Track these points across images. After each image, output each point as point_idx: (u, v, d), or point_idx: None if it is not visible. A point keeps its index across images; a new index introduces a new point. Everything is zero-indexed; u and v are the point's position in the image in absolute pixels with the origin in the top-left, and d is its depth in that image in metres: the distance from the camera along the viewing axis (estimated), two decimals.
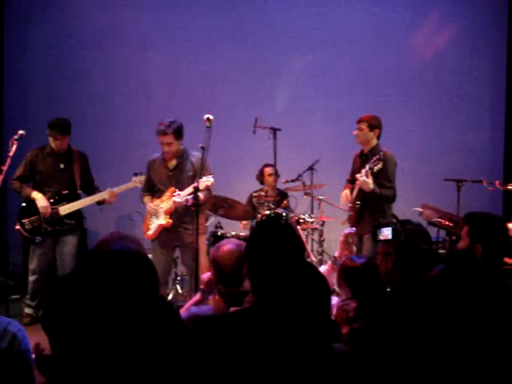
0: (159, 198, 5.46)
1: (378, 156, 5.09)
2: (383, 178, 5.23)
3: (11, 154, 5.17)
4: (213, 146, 5.05)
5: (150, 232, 5.45)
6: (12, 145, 5.19)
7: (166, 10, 7.69)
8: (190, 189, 5.20)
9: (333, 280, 3.35)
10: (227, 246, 2.78)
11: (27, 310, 5.68)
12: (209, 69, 7.65)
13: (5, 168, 5.14)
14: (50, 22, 7.69)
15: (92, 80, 7.69)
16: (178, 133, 5.30)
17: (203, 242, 5.57)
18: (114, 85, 7.71)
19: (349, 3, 7.64)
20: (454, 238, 4.87)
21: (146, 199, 5.55)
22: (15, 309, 5.72)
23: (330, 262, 3.47)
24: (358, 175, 5.17)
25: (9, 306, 5.27)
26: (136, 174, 5.58)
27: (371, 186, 5.11)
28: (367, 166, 5.12)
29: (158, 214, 5.39)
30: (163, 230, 5.40)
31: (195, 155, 5.38)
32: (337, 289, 3.21)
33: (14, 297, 6.22)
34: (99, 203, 5.69)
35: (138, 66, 7.74)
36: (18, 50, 7.70)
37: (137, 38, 7.72)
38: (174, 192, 5.29)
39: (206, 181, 5.21)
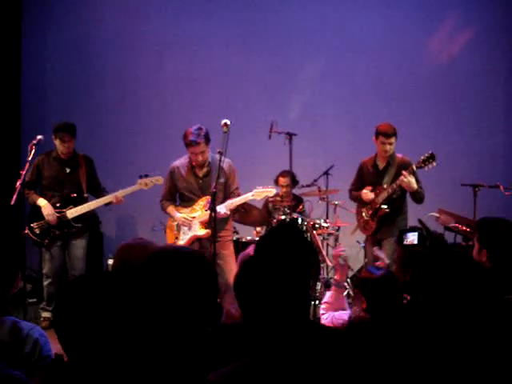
0: (187, 207, 5.31)
1: (416, 165, 5.25)
2: (416, 180, 5.37)
3: (29, 158, 5.23)
4: (228, 151, 5.05)
5: (182, 242, 5.27)
6: (30, 150, 5.25)
7: (180, 17, 7.73)
8: (242, 197, 5.18)
9: (341, 303, 3.32)
10: None
11: (45, 314, 5.74)
12: (224, 74, 7.68)
13: (23, 172, 5.20)
14: (67, 29, 7.77)
15: (108, 86, 7.76)
16: (208, 139, 5.13)
17: (232, 250, 5.40)
18: (130, 91, 7.76)
19: (363, 9, 7.63)
20: (470, 243, 4.85)
21: (171, 209, 5.38)
22: (32, 312, 5.78)
23: (333, 287, 3.41)
24: (402, 177, 5.23)
25: (26, 309, 5.32)
26: (141, 177, 5.53)
27: (415, 185, 5.28)
28: (414, 166, 5.25)
29: (193, 225, 5.22)
30: (195, 240, 5.24)
31: (224, 161, 5.15)
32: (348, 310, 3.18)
33: (30, 300, 6.27)
34: (107, 204, 5.71)
35: (153, 72, 7.80)
36: (35, 57, 7.78)
37: (152, 44, 7.78)
38: (208, 201, 5.11)
39: (266, 191, 5.16)
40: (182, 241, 5.28)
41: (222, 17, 7.73)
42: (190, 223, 5.22)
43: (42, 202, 5.54)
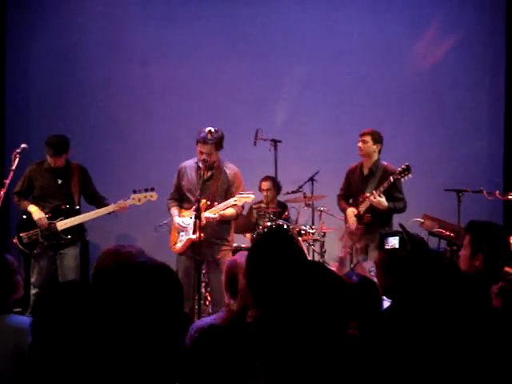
0: (188, 209, 5.25)
1: (393, 177, 5.36)
2: (395, 190, 5.47)
3: (13, 167, 5.21)
4: None
5: (179, 245, 5.24)
6: (14, 158, 5.22)
7: (166, 24, 7.73)
8: (225, 203, 5.10)
9: None
10: None
11: None
12: (209, 82, 7.67)
13: (7, 181, 5.16)
14: (52, 36, 7.73)
15: (93, 93, 7.72)
16: (219, 144, 5.08)
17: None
18: (115, 98, 7.73)
19: (349, 15, 7.67)
20: (454, 248, 4.89)
21: (173, 211, 5.34)
22: None
23: (336, 263, 3.38)
24: (371, 197, 5.35)
25: None
26: (135, 192, 5.42)
27: (385, 203, 5.35)
28: (391, 178, 5.35)
29: (188, 229, 5.12)
30: (192, 244, 5.15)
31: (230, 167, 5.23)
32: None
33: (15, 310, 6.21)
34: (109, 212, 5.56)
35: (139, 80, 7.77)
36: (19, 64, 7.74)
37: (137, 51, 7.76)
38: (206, 205, 5.08)
39: (246, 197, 5.11)
40: (180, 243, 5.25)
41: (207, 25, 7.72)
42: (184, 229, 5.16)
43: (32, 207, 5.43)
